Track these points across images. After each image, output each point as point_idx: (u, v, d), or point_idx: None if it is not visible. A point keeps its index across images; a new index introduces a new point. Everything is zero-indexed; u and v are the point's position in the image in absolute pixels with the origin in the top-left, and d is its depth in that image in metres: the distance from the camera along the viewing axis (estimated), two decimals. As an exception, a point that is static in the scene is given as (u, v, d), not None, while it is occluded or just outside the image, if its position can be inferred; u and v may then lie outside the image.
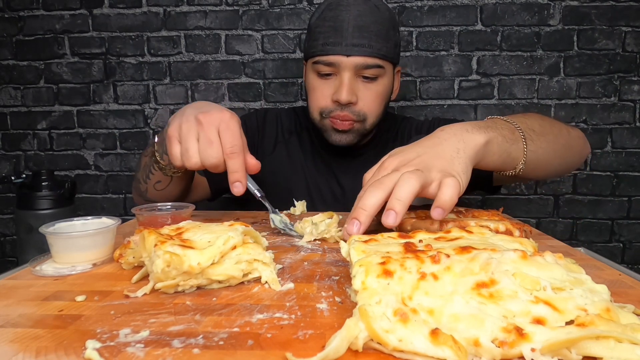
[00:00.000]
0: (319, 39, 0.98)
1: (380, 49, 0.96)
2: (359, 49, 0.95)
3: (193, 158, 0.68)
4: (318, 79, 1.00)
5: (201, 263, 0.43)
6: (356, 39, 0.94)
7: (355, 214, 0.57)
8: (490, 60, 1.55)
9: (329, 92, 0.99)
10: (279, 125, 1.17)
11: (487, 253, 0.39)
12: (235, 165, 0.67)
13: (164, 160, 0.81)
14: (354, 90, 0.97)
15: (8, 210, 1.72)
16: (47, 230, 0.53)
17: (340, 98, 0.96)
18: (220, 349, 0.33)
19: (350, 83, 0.96)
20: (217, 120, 0.68)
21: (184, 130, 0.69)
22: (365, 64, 0.95)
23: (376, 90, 0.99)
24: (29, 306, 0.41)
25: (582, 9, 1.51)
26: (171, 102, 1.64)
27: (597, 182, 1.59)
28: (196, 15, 1.58)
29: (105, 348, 0.33)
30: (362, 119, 1.00)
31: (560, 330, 0.31)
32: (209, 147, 0.67)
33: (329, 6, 0.99)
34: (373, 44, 0.95)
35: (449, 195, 0.56)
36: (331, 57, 0.96)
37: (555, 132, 0.80)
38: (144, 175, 0.89)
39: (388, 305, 0.34)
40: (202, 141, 0.68)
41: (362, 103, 0.99)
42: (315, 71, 1.00)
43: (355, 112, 0.99)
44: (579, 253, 0.60)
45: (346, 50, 0.95)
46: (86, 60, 1.62)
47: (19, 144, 1.68)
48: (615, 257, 1.61)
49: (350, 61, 0.95)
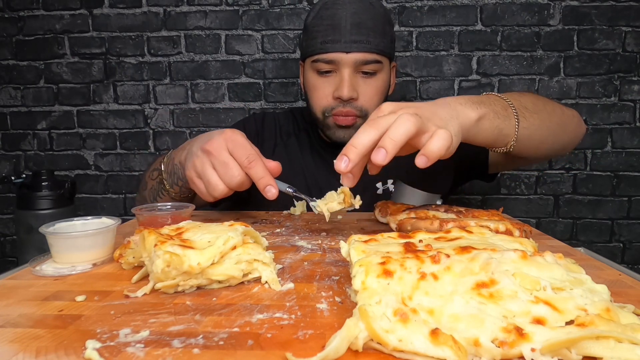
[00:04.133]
0: (317, 37, 0.99)
1: (378, 45, 0.97)
2: (358, 45, 0.96)
3: (219, 187, 0.69)
4: (318, 78, 1.01)
5: (201, 263, 0.43)
6: (354, 35, 0.96)
7: (345, 151, 0.56)
8: (490, 60, 1.55)
9: (330, 90, 1.00)
10: (277, 128, 1.18)
11: (487, 253, 0.39)
12: (259, 173, 0.68)
13: (174, 189, 0.85)
14: (355, 86, 0.98)
15: (8, 210, 1.72)
16: (47, 230, 0.53)
17: (342, 94, 0.97)
18: (220, 349, 0.33)
19: (350, 79, 0.97)
20: (222, 143, 0.69)
21: (198, 167, 0.71)
22: (364, 60, 0.97)
23: (376, 86, 1.01)
24: (29, 306, 0.41)
25: (582, 9, 1.51)
26: (171, 102, 1.64)
27: (597, 182, 1.59)
28: (196, 15, 1.59)
29: (105, 348, 0.33)
30: (364, 114, 1.01)
31: (560, 330, 0.31)
32: (228, 170, 0.68)
33: (325, 5, 1.00)
34: (371, 39, 0.96)
35: (438, 146, 0.54)
36: (331, 55, 0.97)
37: (548, 110, 0.81)
38: (152, 196, 0.92)
39: (388, 305, 0.34)
40: (219, 167, 0.69)
41: (363, 98, 1.00)
42: (314, 70, 1.01)
43: (357, 107, 1.00)
44: (579, 253, 0.60)
45: (345, 47, 0.96)
46: (86, 60, 1.62)
47: (19, 144, 1.68)
48: (615, 257, 1.61)
49: (350, 57, 0.96)
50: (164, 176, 0.86)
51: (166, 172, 0.85)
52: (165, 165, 0.87)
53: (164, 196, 0.89)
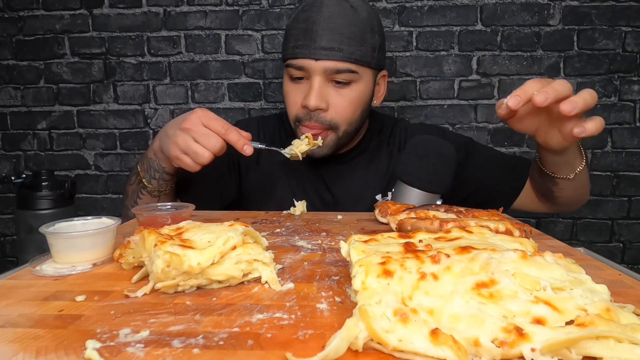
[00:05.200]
0: (291, 40, 0.94)
1: (352, 53, 0.90)
2: (328, 53, 0.89)
3: (205, 154, 0.78)
4: (290, 83, 0.96)
5: (201, 263, 0.43)
6: (325, 41, 0.89)
7: (517, 93, 0.64)
8: (490, 60, 1.56)
9: (300, 97, 0.94)
10: (261, 135, 1.12)
11: (487, 253, 0.39)
12: (236, 136, 0.79)
13: (153, 184, 0.90)
14: (324, 95, 0.92)
15: (8, 210, 1.72)
16: (47, 230, 0.53)
17: (308, 103, 0.91)
18: (220, 349, 0.33)
19: (319, 88, 0.91)
20: (197, 119, 0.79)
21: (181, 144, 0.79)
22: (335, 69, 0.90)
23: (349, 97, 0.94)
24: (29, 306, 0.41)
25: (582, 9, 1.51)
26: (171, 102, 1.64)
27: (597, 182, 1.59)
28: (196, 15, 1.59)
29: (105, 348, 0.33)
30: (334, 127, 0.95)
31: (560, 330, 0.31)
32: (209, 139, 0.78)
33: (304, 7, 0.94)
34: (344, 47, 0.90)
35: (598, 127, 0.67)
36: (300, 61, 0.91)
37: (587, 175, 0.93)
38: (132, 201, 0.95)
39: (388, 305, 0.34)
40: (201, 138, 0.78)
41: (333, 110, 0.94)
42: (288, 75, 0.96)
43: (325, 120, 0.94)
44: (579, 253, 0.60)
45: (315, 53, 0.90)
46: (86, 60, 1.62)
47: (19, 144, 1.68)
48: (615, 257, 1.61)
49: (320, 65, 0.90)
50: (142, 175, 0.90)
51: (143, 170, 0.90)
52: (140, 165, 0.92)
53: (144, 195, 0.91)
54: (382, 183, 1.06)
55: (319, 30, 0.90)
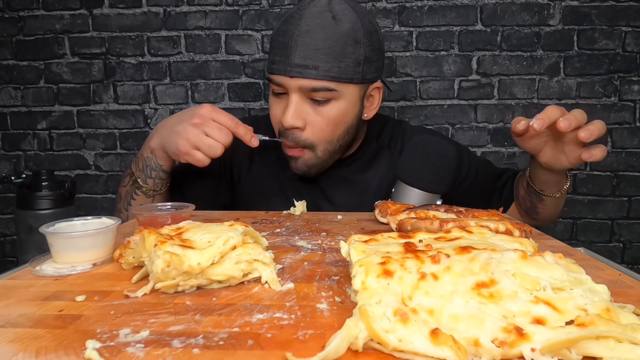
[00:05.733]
0: (270, 54, 0.91)
1: (329, 70, 0.85)
2: (302, 70, 0.84)
3: (218, 148, 0.82)
4: (273, 97, 0.94)
5: (201, 263, 0.43)
6: (299, 58, 0.84)
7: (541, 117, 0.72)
8: (490, 60, 1.56)
9: (280, 112, 0.91)
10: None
11: (487, 253, 0.39)
12: (244, 130, 0.85)
13: (148, 183, 0.91)
14: (301, 114, 0.88)
15: (8, 210, 1.72)
16: (47, 230, 0.53)
17: (284, 121, 0.88)
18: (220, 349, 0.33)
19: (296, 106, 0.87)
20: (207, 115, 0.83)
21: (193, 139, 0.81)
22: (310, 87, 0.85)
23: (327, 115, 0.88)
24: (29, 306, 0.41)
25: (582, 9, 1.51)
26: (171, 102, 1.64)
27: (597, 182, 1.59)
28: (196, 15, 1.59)
29: (105, 348, 0.33)
30: (309, 146, 0.91)
31: (560, 330, 0.31)
32: (221, 132, 0.82)
33: (286, 18, 0.89)
34: (320, 64, 0.84)
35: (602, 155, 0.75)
36: (277, 77, 0.88)
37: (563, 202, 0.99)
38: (125, 204, 0.94)
39: (388, 305, 0.34)
40: (212, 133, 0.82)
41: (310, 129, 0.89)
42: (271, 88, 0.93)
43: (300, 140, 0.90)
44: (579, 253, 0.60)
45: (289, 71, 0.85)
46: (86, 60, 1.62)
47: (19, 144, 1.68)
48: (615, 257, 1.61)
49: (294, 83, 0.86)
50: (137, 174, 0.91)
51: (137, 170, 0.91)
52: (135, 165, 0.93)
53: (138, 196, 0.92)
54: (383, 189, 1.01)
55: (294, 46, 0.85)
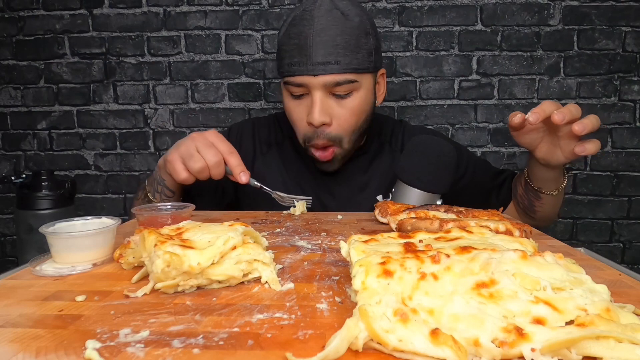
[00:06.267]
0: (285, 57, 0.92)
1: (349, 63, 0.89)
2: (325, 67, 0.88)
3: (198, 163, 0.80)
4: (292, 100, 0.95)
5: (201, 263, 0.43)
6: (321, 56, 0.87)
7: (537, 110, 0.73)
8: (490, 60, 1.56)
9: (304, 114, 0.94)
10: (255, 139, 1.11)
11: (487, 253, 0.39)
12: (236, 161, 0.83)
13: (156, 198, 0.91)
14: (327, 109, 0.91)
15: (8, 210, 1.72)
16: (47, 230, 0.53)
17: (313, 120, 0.90)
18: (220, 349, 0.33)
19: (321, 103, 0.90)
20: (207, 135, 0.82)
21: (182, 149, 0.82)
22: (335, 82, 0.89)
23: (351, 107, 0.93)
24: (29, 306, 0.41)
25: (582, 9, 1.51)
26: (171, 102, 1.64)
27: (597, 182, 1.59)
28: (196, 15, 1.59)
29: (105, 348, 0.33)
30: (338, 141, 0.95)
31: (560, 330, 0.31)
32: (209, 150, 0.80)
33: (293, 21, 0.92)
34: (341, 59, 0.88)
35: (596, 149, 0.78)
36: (298, 78, 0.90)
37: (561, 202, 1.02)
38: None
39: (388, 305, 0.34)
40: (202, 147, 0.81)
41: (336, 123, 0.93)
42: (287, 92, 0.95)
43: (330, 136, 0.93)
44: (579, 253, 0.60)
45: (313, 69, 0.88)
46: (86, 60, 1.62)
47: (19, 144, 1.68)
48: (615, 257, 1.61)
49: (319, 81, 0.89)
50: (148, 189, 0.93)
51: (149, 185, 0.93)
52: (148, 179, 0.94)
53: None
54: (384, 184, 1.05)
55: (314, 45, 0.88)
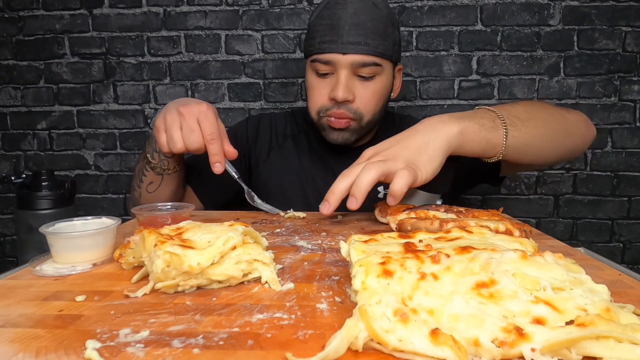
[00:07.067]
0: (317, 37, 0.98)
1: (377, 47, 0.96)
2: (355, 47, 0.95)
3: (178, 144, 0.81)
4: (316, 78, 1.01)
5: (201, 263, 0.43)
6: (352, 36, 0.94)
7: (327, 197, 0.70)
8: (490, 60, 1.55)
9: (327, 90, 0.99)
10: (272, 131, 1.17)
11: (487, 253, 0.39)
12: (215, 149, 0.81)
13: (155, 158, 0.91)
14: (351, 88, 0.98)
15: (8, 210, 1.72)
16: (47, 230, 0.53)
17: (337, 96, 0.96)
18: (220, 349, 0.33)
19: (346, 81, 0.96)
20: (196, 112, 0.81)
21: (168, 121, 0.81)
22: (362, 62, 0.95)
23: (373, 89, 0.99)
24: (29, 306, 0.41)
25: (582, 9, 1.51)
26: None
27: (597, 182, 1.59)
28: (196, 15, 1.58)
29: (105, 348, 0.33)
30: (359, 117, 1.01)
31: (560, 330, 0.31)
32: (191, 135, 0.80)
33: (327, 5, 0.99)
34: (369, 41, 0.95)
35: (399, 186, 0.65)
36: (327, 55, 0.96)
37: (545, 117, 0.83)
38: (138, 180, 0.96)
39: (388, 305, 0.34)
40: (185, 129, 0.80)
41: (359, 101, 0.99)
42: (313, 70, 1.01)
43: (351, 110, 0.99)
44: (579, 253, 0.60)
45: (342, 48, 0.95)
46: (86, 60, 1.62)
47: (19, 144, 1.68)
48: (615, 257, 1.61)
49: (347, 59, 0.95)
50: (147, 149, 0.92)
51: (148, 144, 0.92)
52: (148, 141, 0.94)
53: (148, 172, 0.93)
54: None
55: (346, 26, 0.94)
